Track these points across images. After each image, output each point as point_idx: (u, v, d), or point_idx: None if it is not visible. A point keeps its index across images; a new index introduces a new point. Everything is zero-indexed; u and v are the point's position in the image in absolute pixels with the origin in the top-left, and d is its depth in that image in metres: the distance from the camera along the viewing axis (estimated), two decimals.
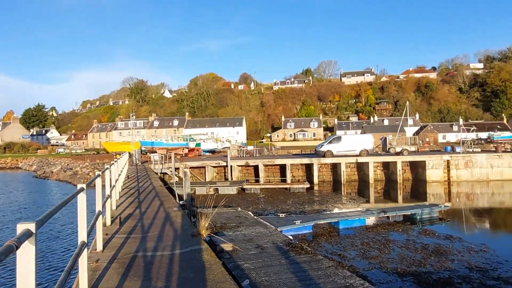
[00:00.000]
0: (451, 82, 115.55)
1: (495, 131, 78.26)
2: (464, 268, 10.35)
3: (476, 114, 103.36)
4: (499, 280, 9.41)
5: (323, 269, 8.08)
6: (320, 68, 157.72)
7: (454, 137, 77.83)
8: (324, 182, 30.60)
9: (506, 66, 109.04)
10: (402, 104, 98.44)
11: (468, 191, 25.88)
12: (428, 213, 16.79)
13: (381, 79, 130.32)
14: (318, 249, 12.15)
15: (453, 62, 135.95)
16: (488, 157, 29.01)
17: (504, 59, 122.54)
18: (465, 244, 12.63)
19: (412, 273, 9.97)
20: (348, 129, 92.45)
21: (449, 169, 28.94)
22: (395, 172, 29.84)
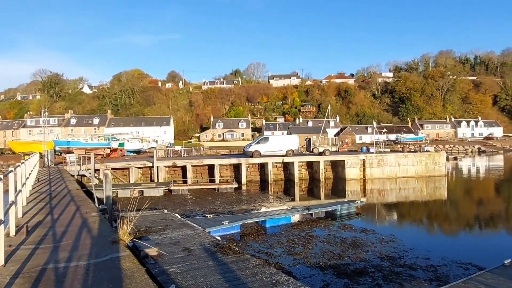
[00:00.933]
0: (366, 88, 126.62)
1: (402, 133, 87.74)
2: (376, 258, 11.35)
3: (387, 117, 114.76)
4: (405, 267, 10.52)
5: (250, 268, 8.17)
6: (249, 69, 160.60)
7: (369, 139, 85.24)
8: (252, 182, 31.14)
9: (411, 76, 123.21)
10: (324, 107, 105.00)
11: (380, 188, 28.50)
12: (347, 209, 18.10)
13: (306, 83, 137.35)
14: (246, 249, 12.29)
15: (368, 70, 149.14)
16: (396, 156, 32.36)
17: (410, 70, 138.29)
18: (377, 236, 13.87)
19: (333, 265, 10.63)
20: (275, 129, 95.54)
21: (365, 167, 31.59)
22: (318, 171, 31.62)
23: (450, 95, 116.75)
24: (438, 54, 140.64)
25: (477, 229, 16.56)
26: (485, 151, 72.84)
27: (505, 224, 17.37)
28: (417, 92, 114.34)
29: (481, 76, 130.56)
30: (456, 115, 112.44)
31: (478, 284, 8.24)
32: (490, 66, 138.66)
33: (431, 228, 17.10)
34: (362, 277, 9.78)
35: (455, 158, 57.76)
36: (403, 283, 9.35)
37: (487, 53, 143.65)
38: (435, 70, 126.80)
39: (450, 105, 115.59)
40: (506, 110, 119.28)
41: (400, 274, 9.95)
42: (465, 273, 9.69)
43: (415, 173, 31.83)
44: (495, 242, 14.02)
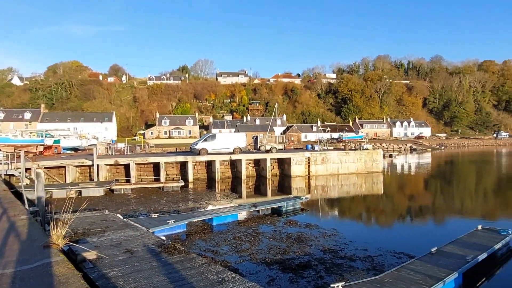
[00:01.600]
0: (311, 88, 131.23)
1: (344, 132, 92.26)
2: (319, 251, 11.82)
3: (330, 117, 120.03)
4: (345, 259, 11.08)
5: (196, 267, 8.06)
6: (197, 66, 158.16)
7: (314, 137, 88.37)
8: (199, 180, 30.73)
9: (353, 78, 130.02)
10: (272, 105, 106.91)
11: (324, 184, 29.71)
12: (292, 205, 18.61)
13: (254, 81, 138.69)
14: (192, 248, 12.11)
15: (313, 71, 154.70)
16: (339, 154, 33.96)
17: (351, 72, 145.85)
18: (320, 230, 14.45)
19: (278, 261, 10.86)
20: (223, 127, 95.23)
21: (310, 165, 32.73)
22: (265, 168, 32.10)
23: (387, 97, 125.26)
24: (377, 59, 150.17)
25: (408, 220, 17.95)
26: (416, 149, 79.30)
27: (432, 215, 19.05)
28: (357, 93, 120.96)
29: (413, 80, 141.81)
30: (392, 116, 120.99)
31: (409, 271, 8.93)
32: (421, 71, 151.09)
33: (369, 221, 18.22)
34: (306, 270, 10.12)
35: (390, 156, 62.12)
36: (343, 274, 9.84)
37: (418, 60, 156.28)
38: (374, 73, 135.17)
39: (387, 106, 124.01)
40: (433, 112, 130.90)
41: (341, 266, 10.47)
42: (398, 262, 10.46)
43: (355, 169, 33.66)
44: (424, 232, 15.31)
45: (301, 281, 9.41)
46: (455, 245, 11.03)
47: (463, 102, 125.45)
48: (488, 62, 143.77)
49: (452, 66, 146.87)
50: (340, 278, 9.44)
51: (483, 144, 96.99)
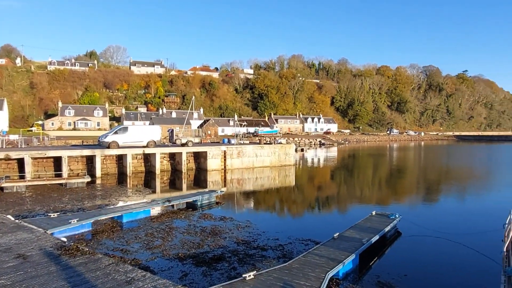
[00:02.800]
0: (229, 82, 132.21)
1: (260, 126, 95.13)
2: (233, 243, 12.04)
3: (247, 112, 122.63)
4: (258, 249, 11.49)
5: (102, 268, 7.56)
6: (107, 52, 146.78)
7: (230, 131, 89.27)
8: (108, 175, 28.70)
9: (269, 74, 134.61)
10: (189, 98, 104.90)
11: (239, 177, 30.30)
12: (208, 199, 18.59)
13: (170, 73, 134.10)
14: (98, 248, 11.29)
15: (231, 65, 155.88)
16: (254, 148, 34.94)
17: (268, 69, 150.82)
18: (235, 222, 14.72)
19: (192, 255, 10.76)
20: (136, 119, 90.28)
21: (226, 158, 33.02)
22: (180, 162, 31.41)
23: (300, 94, 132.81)
24: (291, 57, 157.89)
25: (316, 209, 19.36)
26: (324, 143, 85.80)
27: (336, 204, 20.87)
28: (273, 89, 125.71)
29: (323, 80, 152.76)
30: (304, 112, 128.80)
31: (314, 256, 9.65)
32: (330, 72, 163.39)
33: (281, 212, 19.16)
34: (220, 263, 10.22)
35: (302, 150, 66.13)
36: (255, 263, 10.19)
37: (328, 61, 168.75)
38: (289, 71, 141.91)
39: (300, 103, 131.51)
40: (340, 109, 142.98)
41: (254, 256, 10.83)
42: (306, 248, 11.21)
43: (269, 163, 35.03)
44: (328, 219, 16.70)
45: (214, 273, 9.48)
46: (353, 229, 12.27)
47: (364, 102, 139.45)
48: (384, 67, 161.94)
49: (355, 69, 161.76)
50: (252, 267, 9.75)
51: (379, 139, 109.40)
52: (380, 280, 9.22)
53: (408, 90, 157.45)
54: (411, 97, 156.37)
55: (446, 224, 15.02)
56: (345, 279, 9.28)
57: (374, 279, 9.35)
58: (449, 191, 24.83)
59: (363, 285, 8.95)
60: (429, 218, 16.32)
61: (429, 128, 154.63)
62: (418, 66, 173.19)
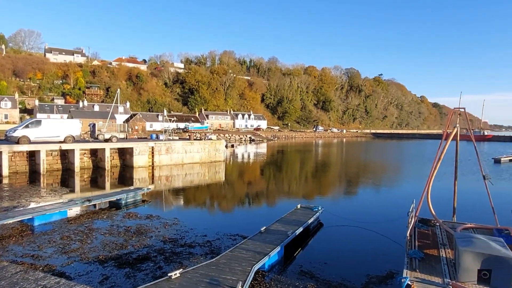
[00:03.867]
0: (158, 76, 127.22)
1: (190, 122, 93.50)
2: (160, 242, 11.68)
3: (177, 107, 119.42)
4: (185, 246, 11.32)
5: (8, 277, 6.80)
6: (17, 37, 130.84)
7: (159, 126, 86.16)
8: (17, 174, 25.76)
9: (200, 69, 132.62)
10: (114, 91, 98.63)
11: (168, 174, 29.46)
12: (133, 197, 17.75)
13: (93, 63, 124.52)
14: (4, 255, 10.10)
15: (161, 58, 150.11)
16: (184, 144, 34.22)
17: (199, 64, 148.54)
18: (162, 220, 14.29)
19: (114, 257, 10.20)
20: (52, 112, 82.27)
21: (153, 155, 31.82)
22: (103, 159, 29.47)
23: (231, 91, 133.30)
24: (223, 53, 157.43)
25: (244, 204, 19.67)
26: (254, 140, 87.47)
27: (265, 198, 21.44)
28: (204, 85, 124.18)
29: (254, 77, 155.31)
30: (235, 108, 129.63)
31: (241, 250, 9.81)
32: (261, 69, 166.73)
33: (210, 208, 19.07)
34: (145, 263, 9.85)
35: (232, 146, 66.59)
36: (183, 261, 10.03)
37: (259, 59, 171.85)
38: (220, 67, 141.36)
39: (231, 99, 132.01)
40: (270, 107, 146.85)
41: (181, 254, 10.64)
42: (234, 243, 11.35)
43: (199, 159, 34.64)
44: (257, 214, 17.09)
45: (138, 274, 9.10)
46: (279, 223, 12.74)
47: (292, 100, 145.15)
48: (311, 68, 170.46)
49: (285, 68, 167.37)
50: (179, 265, 9.58)
51: (306, 136, 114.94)
52: (302, 270, 9.73)
53: (332, 90, 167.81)
54: (335, 97, 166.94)
55: (362, 214, 16.40)
56: (271, 270, 9.61)
57: (297, 268, 9.83)
58: (366, 184, 27.11)
59: (287, 275, 9.36)
60: (348, 209, 17.67)
61: (350, 126, 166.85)
62: (341, 68, 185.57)
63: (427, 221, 12.26)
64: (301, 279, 9.04)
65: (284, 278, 9.11)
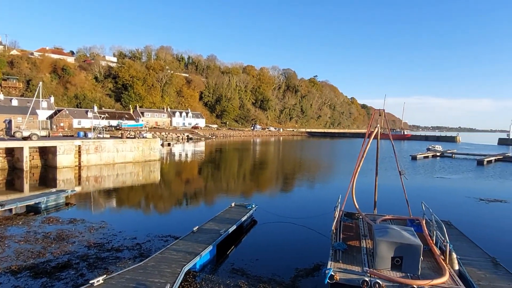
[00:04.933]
0: (88, 69, 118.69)
1: (124, 119, 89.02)
2: (84, 247, 10.92)
3: (109, 103, 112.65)
4: (112, 250, 10.72)
5: None
6: None
7: (89, 123, 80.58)
8: None
9: (135, 64, 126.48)
10: (35, 84, 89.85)
11: (97, 174, 27.67)
12: (55, 200, 16.37)
13: (11, 52, 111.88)
14: None
15: (91, 50, 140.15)
16: (115, 142, 32.41)
17: (134, 58, 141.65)
18: (87, 224, 13.38)
19: (30, 266, 9.31)
20: None
21: (81, 154, 29.65)
22: (21, 159, 26.75)
23: (168, 88, 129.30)
24: (160, 49, 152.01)
25: (179, 204, 19.19)
26: (192, 138, 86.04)
27: (201, 197, 21.08)
28: (139, 81, 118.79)
29: (192, 74, 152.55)
30: (172, 106, 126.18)
31: (172, 251, 9.58)
32: (199, 67, 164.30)
33: (142, 209, 18.30)
34: (65, 271, 9.15)
35: (169, 144, 64.80)
36: (108, 266, 9.49)
37: (197, 56, 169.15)
38: (156, 62, 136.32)
39: (168, 97, 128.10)
40: (208, 105, 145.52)
41: (107, 259, 10.06)
42: (165, 245, 11.03)
43: (132, 158, 33.09)
44: (191, 213, 16.81)
45: (57, 284, 8.42)
46: (213, 221, 12.69)
47: (231, 99, 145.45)
48: (250, 67, 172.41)
49: (224, 66, 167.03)
50: (104, 271, 9.05)
51: (244, 135, 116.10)
52: (234, 267, 9.80)
53: (270, 89, 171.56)
54: (272, 96, 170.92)
55: (294, 210, 17.02)
56: (202, 270, 9.53)
57: (229, 266, 9.88)
58: (300, 181, 28.19)
59: (219, 274, 9.35)
60: (281, 206, 18.20)
61: (287, 124, 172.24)
62: (279, 68, 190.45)
63: (352, 215, 13.14)
64: (233, 277, 9.10)
65: (215, 277, 9.09)
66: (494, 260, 9.57)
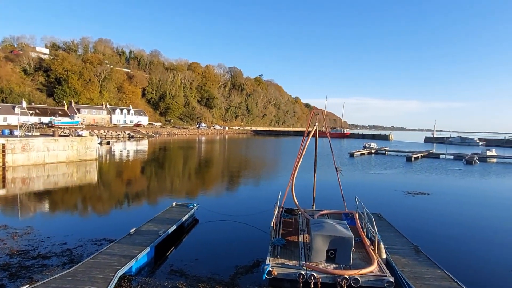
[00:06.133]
0: (15, 61, 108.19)
1: (57, 116, 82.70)
2: (5, 256, 9.95)
3: (40, 98, 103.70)
4: (38, 258, 9.89)
5: None
6: None
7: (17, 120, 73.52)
8: None
9: (70, 57, 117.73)
10: None
11: (25, 176, 25.37)
12: None
13: None
14: None
15: (19, 40, 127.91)
16: (46, 140, 29.94)
17: (68, 50, 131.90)
18: (10, 230, 12.21)
19: None
20: None
21: (5, 153, 26.95)
22: None
23: (107, 83, 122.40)
24: (98, 41, 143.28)
25: (117, 206, 18.27)
26: (133, 136, 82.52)
27: (141, 198, 20.27)
28: (75, 74, 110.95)
29: (134, 70, 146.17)
30: (112, 103, 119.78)
31: (105, 256, 9.10)
32: (142, 62, 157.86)
33: (75, 212, 17.11)
34: None
35: (108, 143, 61.49)
36: (33, 275, 8.75)
37: (139, 51, 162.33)
38: (94, 56, 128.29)
39: (107, 93, 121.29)
40: (151, 102, 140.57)
41: (31, 267, 9.27)
42: (98, 249, 10.43)
43: (66, 158, 30.87)
44: (129, 215, 16.07)
45: None
46: (152, 222, 12.29)
47: (175, 96, 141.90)
48: (195, 64, 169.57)
49: (168, 63, 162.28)
50: (27, 281, 8.32)
51: (189, 133, 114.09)
52: (173, 269, 9.58)
53: (216, 87, 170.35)
54: (218, 94, 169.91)
55: (237, 208, 17.10)
56: (139, 274, 9.17)
57: (168, 268, 9.63)
58: (244, 179, 28.39)
59: (156, 276, 9.08)
60: (225, 204, 18.18)
61: (233, 123, 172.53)
62: (225, 66, 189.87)
63: (292, 210, 13.53)
64: (171, 279, 8.89)
65: (152, 280, 8.80)
66: (416, 248, 10.47)
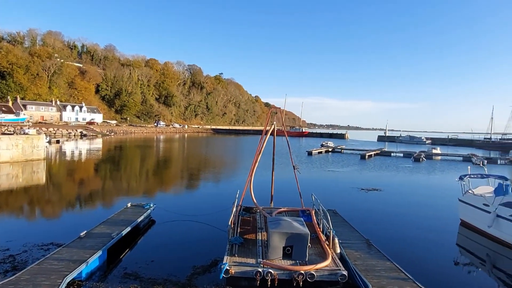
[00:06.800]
0: None
1: (1, 113, 76.78)
2: None
3: None
4: None
5: None
6: None
7: None
8: None
9: (15, 49, 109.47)
10: None
11: None
12: None
13: None
14: None
15: None
16: None
17: (14, 42, 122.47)
18: None
19: None
20: None
21: None
22: None
23: (57, 78, 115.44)
24: (47, 34, 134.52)
25: (67, 208, 17.25)
26: (86, 135, 78.60)
27: (93, 199, 19.32)
28: (21, 69, 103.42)
29: (87, 65, 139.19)
30: (62, 99, 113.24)
31: (52, 261, 8.58)
32: (95, 57, 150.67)
33: (21, 216, 15.95)
34: None
35: (58, 142, 58.06)
36: None
37: (93, 45, 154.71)
38: (43, 49, 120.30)
39: (57, 88, 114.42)
40: (106, 99, 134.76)
41: None
42: (45, 254, 9.80)
43: (10, 157, 28.75)
44: (80, 217, 15.21)
45: None
46: (104, 224, 11.77)
47: (132, 93, 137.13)
48: (153, 61, 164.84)
49: (124, 58, 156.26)
50: None
51: (146, 131, 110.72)
52: (127, 272, 9.24)
53: (174, 85, 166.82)
54: (177, 92, 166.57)
55: (195, 207, 16.86)
56: (89, 279, 8.74)
57: (121, 271, 9.27)
58: (203, 178, 28.08)
59: (108, 280, 8.69)
60: (183, 204, 17.86)
61: (192, 121, 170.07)
62: (184, 64, 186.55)
63: (250, 209, 13.60)
64: (124, 282, 8.56)
65: (104, 284, 8.42)
66: (368, 242, 10.96)
